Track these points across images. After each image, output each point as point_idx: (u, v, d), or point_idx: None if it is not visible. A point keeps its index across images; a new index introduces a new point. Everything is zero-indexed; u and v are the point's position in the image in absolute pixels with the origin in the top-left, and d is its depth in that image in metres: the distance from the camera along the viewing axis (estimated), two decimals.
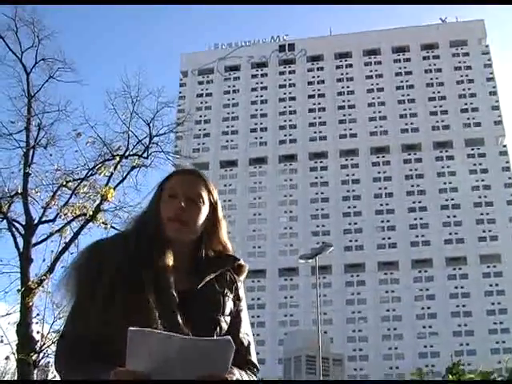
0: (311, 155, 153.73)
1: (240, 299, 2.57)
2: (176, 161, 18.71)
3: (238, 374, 2.21)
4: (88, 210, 16.02)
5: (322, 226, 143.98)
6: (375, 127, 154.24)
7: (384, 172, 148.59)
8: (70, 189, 16.70)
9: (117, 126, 18.23)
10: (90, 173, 16.91)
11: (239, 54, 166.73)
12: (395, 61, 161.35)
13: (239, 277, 2.61)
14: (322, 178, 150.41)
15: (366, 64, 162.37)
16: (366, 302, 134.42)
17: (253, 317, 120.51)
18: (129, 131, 17.80)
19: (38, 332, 15.35)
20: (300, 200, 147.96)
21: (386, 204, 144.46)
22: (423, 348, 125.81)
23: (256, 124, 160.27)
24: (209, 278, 2.45)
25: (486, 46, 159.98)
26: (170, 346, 2.05)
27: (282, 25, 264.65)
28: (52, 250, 15.74)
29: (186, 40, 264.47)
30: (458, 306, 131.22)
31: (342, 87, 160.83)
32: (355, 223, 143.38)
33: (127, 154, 17.43)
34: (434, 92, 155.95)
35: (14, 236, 16.00)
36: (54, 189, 16.64)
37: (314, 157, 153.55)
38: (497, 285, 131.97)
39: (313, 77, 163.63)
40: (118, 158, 17.01)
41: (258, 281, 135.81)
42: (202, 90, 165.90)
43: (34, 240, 16.06)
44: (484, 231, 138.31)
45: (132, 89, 18.45)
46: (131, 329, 2.05)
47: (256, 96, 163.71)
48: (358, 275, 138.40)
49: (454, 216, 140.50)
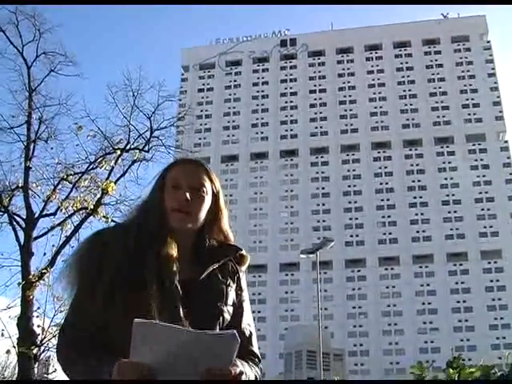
0: (312, 150, 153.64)
1: (242, 290, 2.57)
2: (177, 155, 18.62)
3: (240, 365, 2.17)
4: (89, 203, 15.97)
5: (323, 221, 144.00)
6: (376, 122, 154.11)
7: (385, 167, 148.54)
8: (70, 182, 16.66)
9: (118, 119, 18.22)
10: (91, 166, 16.88)
11: (240, 48, 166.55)
12: (396, 56, 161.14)
13: (241, 267, 2.61)
14: (323, 173, 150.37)
15: (368, 59, 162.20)
16: (366, 297, 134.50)
17: (254, 312, 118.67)
18: (130, 125, 17.79)
19: (38, 326, 15.32)
20: (301, 195, 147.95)
21: (387, 199, 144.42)
22: (424, 343, 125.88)
23: (257, 119, 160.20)
24: (211, 268, 2.44)
25: (488, 42, 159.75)
26: (176, 338, 2.02)
27: (283, 20, 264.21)
28: (53, 245, 15.72)
29: (187, 35, 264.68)
30: (458, 302, 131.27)
31: (344, 82, 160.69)
32: (356, 218, 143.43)
33: (128, 147, 17.39)
34: (435, 87, 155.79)
35: (14, 230, 15.98)
36: (55, 182, 16.62)
37: (315, 152, 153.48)
38: (497, 280, 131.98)
39: (314, 72, 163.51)
40: (118, 152, 16.96)
41: (259, 276, 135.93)
42: (204, 84, 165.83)
43: (34, 234, 16.03)
44: (485, 227, 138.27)
45: (133, 82, 18.41)
46: (136, 320, 2.02)
47: (257, 91, 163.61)
48: (358, 270, 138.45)
49: (454, 211, 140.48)
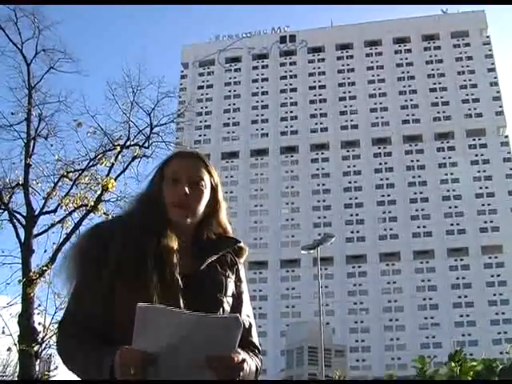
0: (312, 147, 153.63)
1: (241, 281, 2.58)
2: (177, 151, 18.63)
3: (243, 353, 2.17)
4: (89, 200, 15.97)
5: (324, 217, 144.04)
6: (376, 118, 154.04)
7: (385, 163, 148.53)
8: (70, 179, 16.65)
9: (118, 116, 18.23)
10: (91, 163, 16.88)
11: (240, 45, 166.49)
12: (396, 52, 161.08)
13: (240, 259, 2.62)
14: (323, 169, 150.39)
15: (367, 55, 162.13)
16: (367, 293, 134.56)
17: (255, 308, 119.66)
18: (129, 121, 17.79)
19: (39, 323, 15.33)
20: (301, 191, 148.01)
21: (388, 195, 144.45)
22: (425, 339, 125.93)
23: (257, 115, 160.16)
24: (210, 260, 2.44)
25: (487, 37, 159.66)
26: (179, 322, 2.01)
27: (282, 16, 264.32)
28: (54, 243, 15.71)
29: (186, 32, 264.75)
30: (459, 297, 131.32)
31: (343, 78, 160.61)
32: (357, 214, 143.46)
33: (128, 144, 17.39)
34: (435, 83, 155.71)
35: (15, 227, 15.98)
36: (55, 179, 16.61)
37: (315, 148, 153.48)
38: (498, 275, 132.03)
39: (314, 68, 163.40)
40: (118, 148, 16.96)
41: (260, 272, 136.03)
42: (203, 81, 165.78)
43: (35, 231, 16.03)
44: (485, 222, 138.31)
45: (132, 78, 18.41)
46: (140, 305, 2.01)
47: (257, 87, 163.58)
48: (359, 266, 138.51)
49: (455, 207, 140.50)
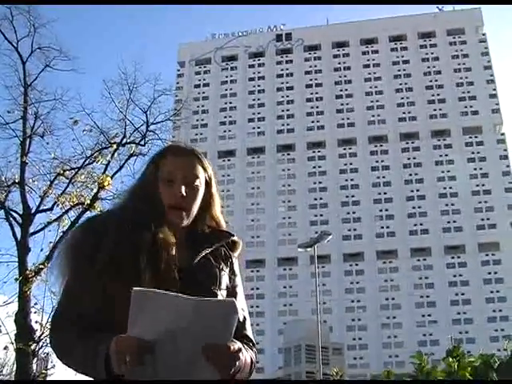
0: (309, 145, 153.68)
1: (235, 274, 2.57)
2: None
3: (239, 343, 2.15)
4: (85, 198, 15.96)
5: (321, 215, 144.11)
6: (373, 116, 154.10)
7: (382, 161, 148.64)
8: (67, 178, 16.64)
9: (114, 114, 18.22)
10: (87, 161, 16.87)
11: (236, 43, 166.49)
12: (392, 50, 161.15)
13: (233, 253, 2.61)
14: (319, 167, 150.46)
15: (363, 53, 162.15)
16: (365, 290, 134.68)
17: (252, 307, 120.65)
18: (125, 119, 17.77)
19: (36, 321, 15.30)
20: (298, 190, 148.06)
21: (384, 193, 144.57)
22: (422, 336, 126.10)
23: (253, 114, 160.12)
24: (205, 253, 2.44)
25: (483, 35, 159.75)
26: (175, 306, 1.99)
27: (278, 14, 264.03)
28: (50, 241, 15.69)
29: (183, 30, 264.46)
30: (456, 295, 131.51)
31: (340, 76, 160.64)
32: (353, 212, 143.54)
33: (124, 141, 17.39)
34: (431, 80, 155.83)
35: (11, 225, 15.96)
36: (51, 178, 16.61)
37: (311, 146, 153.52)
38: (495, 273, 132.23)
39: (310, 66, 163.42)
40: (115, 146, 16.96)
41: (257, 271, 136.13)
42: (200, 80, 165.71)
43: (31, 229, 16.02)
44: (482, 219, 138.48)
45: (129, 76, 18.40)
46: (135, 289, 1.99)
47: (253, 86, 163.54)
48: (356, 264, 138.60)
49: (452, 204, 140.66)
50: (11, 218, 16.06)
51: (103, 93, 18.33)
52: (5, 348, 15.76)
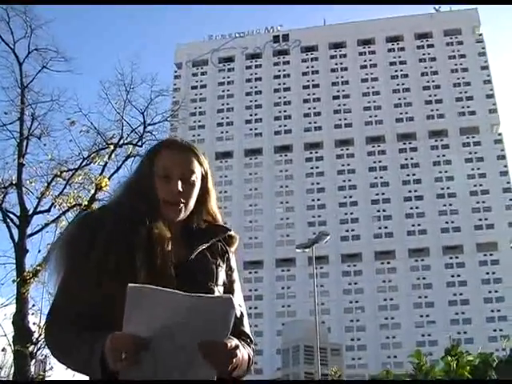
0: (306, 146, 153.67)
1: (232, 270, 2.55)
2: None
3: (236, 340, 2.14)
4: (83, 199, 15.93)
5: (318, 216, 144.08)
6: (370, 117, 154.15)
7: (379, 161, 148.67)
8: (64, 179, 16.61)
9: (111, 115, 18.24)
10: (85, 162, 16.84)
11: (233, 45, 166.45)
12: (389, 50, 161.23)
13: (230, 248, 2.59)
14: (317, 168, 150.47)
15: (360, 54, 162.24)
16: (363, 291, 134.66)
17: (250, 308, 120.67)
18: (122, 120, 17.76)
19: (34, 323, 15.27)
20: (296, 191, 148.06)
21: (382, 193, 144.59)
22: (421, 337, 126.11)
23: (251, 115, 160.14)
24: (201, 249, 2.41)
25: (480, 35, 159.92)
26: (172, 303, 1.97)
27: (275, 15, 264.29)
28: (48, 243, 15.64)
29: (179, 32, 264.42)
30: (455, 295, 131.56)
31: (337, 77, 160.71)
32: (351, 213, 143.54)
33: (121, 142, 17.38)
34: (428, 81, 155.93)
35: (8, 227, 15.93)
36: (49, 179, 16.58)
37: (309, 147, 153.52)
38: (493, 273, 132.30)
39: (307, 67, 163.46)
40: (112, 147, 16.95)
41: (255, 272, 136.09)
42: (197, 81, 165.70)
43: (29, 231, 15.98)
44: (480, 219, 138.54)
45: (125, 77, 18.39)
46: (131, 285, 1.96)
47: (250, 87, 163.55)
48: (354, 265, 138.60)
49: (450, 205, 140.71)
50: (8, 220, 16.04)
51: (100, 94, 18.35)
52: (2, 350, 15.76)
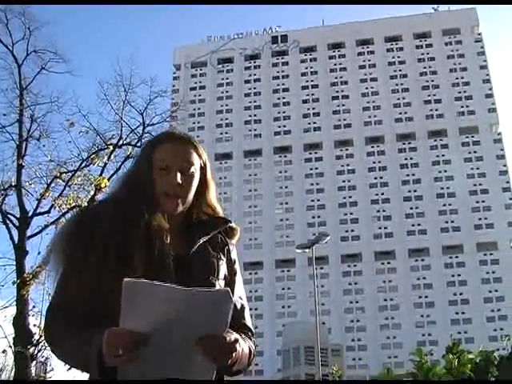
0: (306, 146, 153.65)
1: (233, 262, 2.52)
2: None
3: (235, 333, 2.12)
4: (82, 201, 15.91)
5: (318, 216, 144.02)
6: (369, 117, 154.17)
7: (379, 162, 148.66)
8: (63, 180, 16.61)
9: (110, 115, 18.24)
10: (84, 163, 16.84)
11: (232, 46, 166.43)
12: (388, 50, 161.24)
13: (231, 240, 2.56)
14: (316, 169, 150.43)
15: (359, 54, 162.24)
16: (363, 291, 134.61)
17: (250, 309, 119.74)
18: (122, 120, 17.77)
19: (34, 325, 15.26)
20: (295, 191, 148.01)
21: (382, 194, 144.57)
22: (421, 337, 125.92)
23: (250, 116, 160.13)
24: (201, 242, 2.39)
25: (479, 34, 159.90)
26: (169, 297, 1.93)
27: (274, 16, 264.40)
28: (47, 245, 15.60)
29: (178, 33, 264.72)
30: (455, 295, 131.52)
31: (336, 78, 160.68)
32: (351, 213, 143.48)
33: (120, 143, 17.38)
34: (427, 81, 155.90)
35: (8, 229, 15.94)
36: (48, 181, 16.59)
37: (308, 148, 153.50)
38: (494, 272, 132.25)
39: (306, 68, 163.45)
40: (111, 148, 16.95)
41: (255, 273, 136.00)
42: (196, 83, 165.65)
43: (28, 232, 15.99)
44: (480, 219, 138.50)
45: (125, 78, 18.42)
46: (127, 280, 1.93)
47: (249, 88, 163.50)
48: (354, 265, 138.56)
49: (449, 204, 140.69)
50: (8, 221, 16.04)
51: (99, 95, 18.36)
52: (3, 352, 15.72)
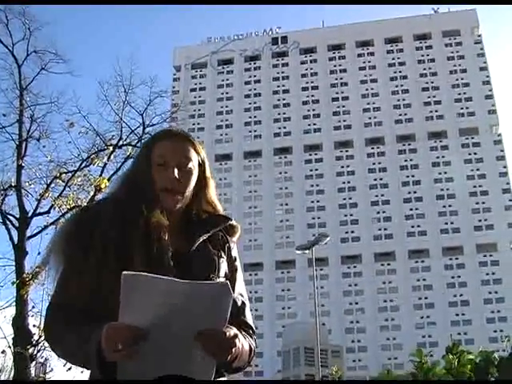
0: (306, 147, 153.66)
1: (233, 259, 2.52)
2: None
3: (235, 329, 2.09)
4: (82, 201, 15.89)
5: (318, 218, 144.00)
6: (369, 118, 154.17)
7: (379, 163, 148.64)
8: (63, 181, 16.60)
9: (110, 116, 18.25)
10: (84, 164, 16.85)
11: (232, 47, 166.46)
12: (388, 52, 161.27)
13: (231, 237, 2.56)
14: (317, 170, 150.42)
15: (359, 55, 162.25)
16: (363, 293, 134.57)
17: (250, 310, 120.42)
18: (121, 121, 17.78)
19: (34, 325, 15.24)
20: (295, 192, 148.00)
21: (382, 195, 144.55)
22: (421, 338, 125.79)
23: (250, 117, 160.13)
24: (202, 239, 2.39)
25: (479, 36, 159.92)
26: (168, 290, 1.93)
27: (274, 17, 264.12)
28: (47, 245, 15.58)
29: (178, 34, 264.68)
30: (455, 296, 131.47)
31: (336, 79, 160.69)
32: (351, 215, 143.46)
33: (120, 143, 17.39)
34: (427, 82, 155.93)
35: (8, 229, 15.93)
36: (48, 181, 16.58)
37: (308, 149, 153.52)
38: (493, 273, 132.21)
39: (306, 69, 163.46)
40: (111, 148, 16.96)
41: (255, 274, 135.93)
42: (196, 84, 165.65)
43: (28, 233, 15.98)
44: (480, 220, 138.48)
45: (124, 78, 18.44)
46: (125, 273, 1.91)
47: (249, 89, 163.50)
48: (354, 266, 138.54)
49: (449, 206, 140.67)
50: (8, 222, 16.04)
51: (99, 95, 18.38)
52: (2, 352, 15.69)
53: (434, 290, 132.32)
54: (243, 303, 2.48)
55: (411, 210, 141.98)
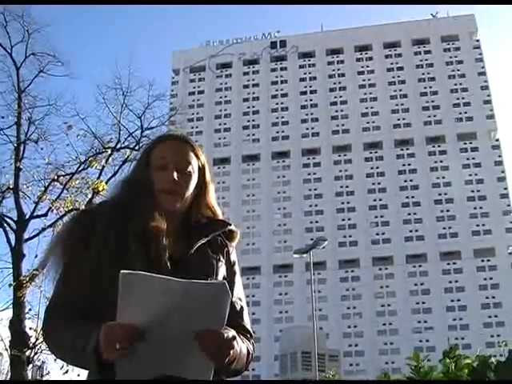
0: (304, 151, 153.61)
1: (232, 264, 2.53)
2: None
3: (233, 331, 2.11)
4: (80, 204, 15.89)
5: (316, 222, 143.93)
6: (367, 123, 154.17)
7: (377, 167, 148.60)
8: (61, 183, 16.59)
9: (108, 119, 18.25)
10: (82, 167, 16.82)
11: (231, 51, 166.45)
12: (387, 56, 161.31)
13: (231, 242, 2.57)
14: (315, 174, 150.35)
15: (358, 60, 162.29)
16: (361, 297, 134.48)
17: (248, 314, 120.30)
18: (120, 124, 17.76)
19: (31, 328, 15.22)
20: (293, 196, 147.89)
21: (380, 199, 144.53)
22: (419, 342, 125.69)
23: (248, 121, 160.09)
24: (200, 243, 2.39)
25: (477, 41, 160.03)
26: (166, 289, 1.93)
27: (273, 21, 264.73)
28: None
29: (177, 38, 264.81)
30: (452, 301, 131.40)
31: (334, 83, 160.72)
32: (349, 219, 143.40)
33: (118, 146, 17.37)
34: (425, 87, 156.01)
35: (5, 231, 15.93)
36: (46, 183, 16.57)
37: (306, 153, 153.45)
38: (491, 278, 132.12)
39: (304, 73, 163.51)
40: (109, 151, 16.94)
41: (253, 278, 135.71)
42: (194, 87, 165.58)
43: (26, 235, 15.97)
44: (478, 225, 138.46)
45: (123, 82, 18.43)
46: (123, 272, 1.91)
47: (248, 93, 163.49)
48: (352, 271, 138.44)
49: (447, 210, 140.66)
50: (5, 224, 16.01)
51: (97, 98, 18.38)
52: None
53: (431, 294, 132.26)
54: (241, 307, 2.48)
55: (409, 214, 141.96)
